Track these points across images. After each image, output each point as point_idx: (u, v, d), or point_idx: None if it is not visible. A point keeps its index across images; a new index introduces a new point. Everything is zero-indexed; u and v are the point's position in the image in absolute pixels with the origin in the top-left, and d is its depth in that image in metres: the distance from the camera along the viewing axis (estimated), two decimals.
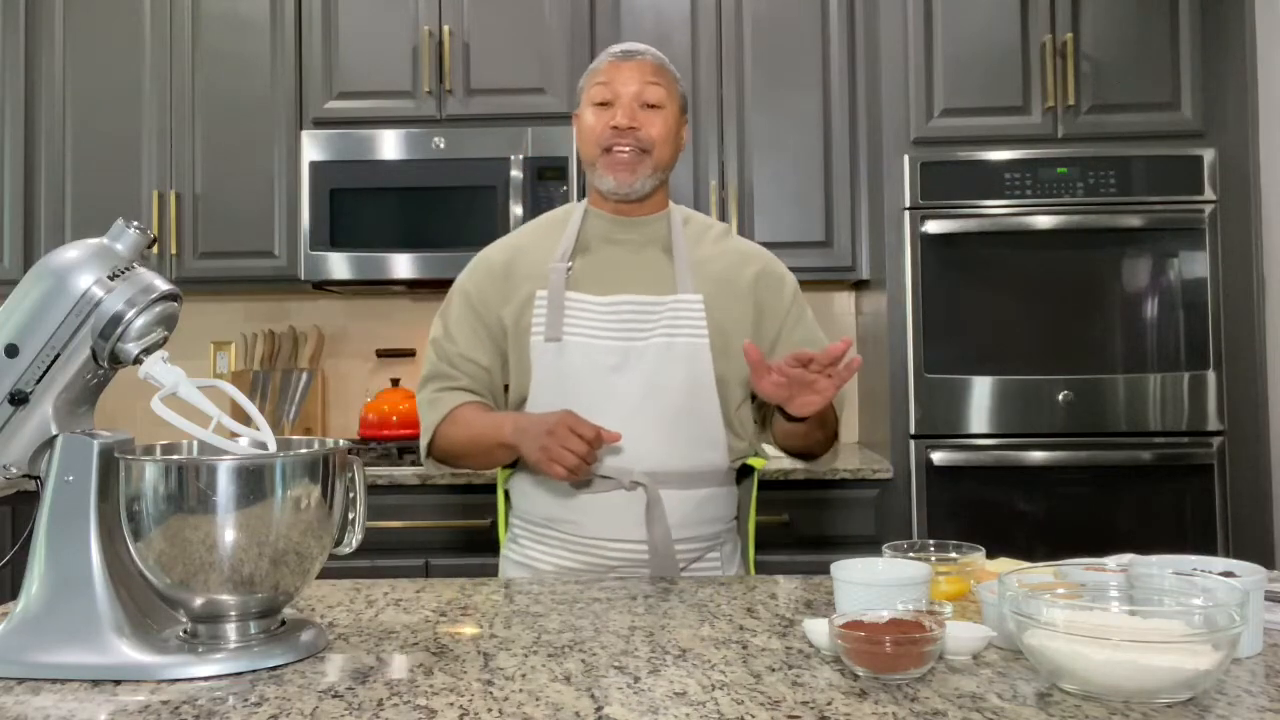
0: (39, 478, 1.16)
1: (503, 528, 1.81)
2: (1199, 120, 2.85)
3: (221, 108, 3.20)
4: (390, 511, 2.76)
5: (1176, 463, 2.77)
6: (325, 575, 1.38)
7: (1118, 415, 2.78)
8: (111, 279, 1.14)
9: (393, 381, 3.34)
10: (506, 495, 1.80)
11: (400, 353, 3.45)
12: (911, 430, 2.80)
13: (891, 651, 1.01)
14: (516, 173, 3.06)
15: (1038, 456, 2.78)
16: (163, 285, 1.17)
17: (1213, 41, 2.85)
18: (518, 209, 3.05)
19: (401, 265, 3.08)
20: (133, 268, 1.16)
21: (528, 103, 3.14)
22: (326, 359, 3.53)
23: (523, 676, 1.07)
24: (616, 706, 0.97)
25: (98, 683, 1.07)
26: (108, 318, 1.13)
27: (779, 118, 3.15)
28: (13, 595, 1.61)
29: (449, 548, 2.77)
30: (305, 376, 3.43)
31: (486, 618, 1.31)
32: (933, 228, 2.81)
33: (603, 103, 1.69)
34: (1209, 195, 2.79)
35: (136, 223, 1.18)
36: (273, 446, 1.18)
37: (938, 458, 2.79)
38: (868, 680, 1.03)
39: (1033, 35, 2.87)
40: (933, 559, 1.34)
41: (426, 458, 1.75)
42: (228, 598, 1.11)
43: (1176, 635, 0.94)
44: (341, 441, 1.21)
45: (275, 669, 1.10)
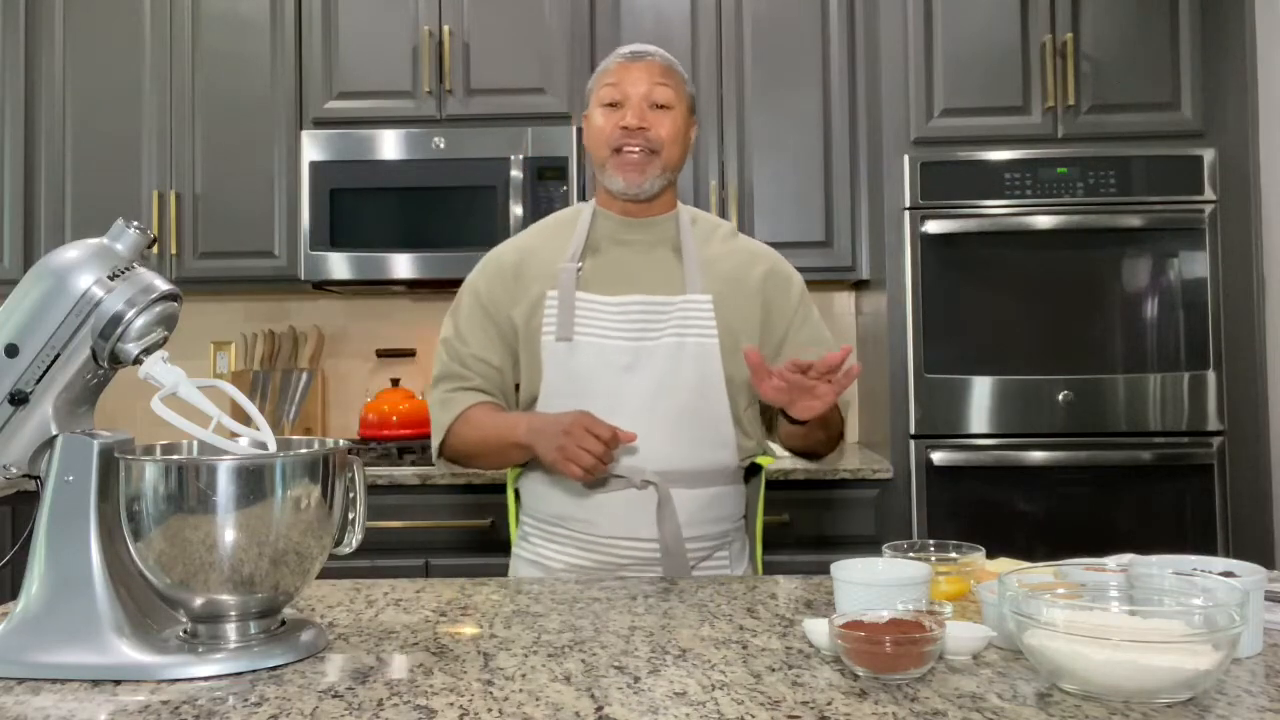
0: (39, 478, 1.16)
1: (513, 526, 1.81)
2: (1199, 120, 2.85)
3: (221, 108, 3.20)
4: (390, 511, 2.76)
5: (1176, 463, 2.77)
6: (325, 575, 1.38)
7: (1118, 415, 2.78)
8: (111, 279, 1.14)
9: (393, 381, 3.34)
10: (516, 494, 1.80)
11: (400, 353, 3.45)
12: (911, 430, 2.80)
13: (891, 651, 1.01)
14: (516, 173, 3.06)
15: (1038, 456, 2.78)
16: (163, 285, 1.17)
17: (1213, 41, 2.85)
18: (518, 209, 3.05)
19: (401, 265, 3.08)
20: (133, 268, 1.16)
21: (528, 103, 3.14)
22: (326, 359, 3.53)
23: (523, 676, 1.07)
24: (616, 706, 0.97)
25: (98, 683, 1.07)
26: (108, 318, 1.13)
27: (779, 118, 3.15)
28: (13, 595, 1.61)
29: (449, 548, 2.77)
30: (305, 376, 3.43)
31: (486, 618, 1.31)
32: (933, 228, 2.81)
33: (612, 103, 1.70)
34: (1209, 195, 2.79)
35: (136, 223, 1.17)
36: (273, 446, 1.18)
37: (938, 458, 2.79)
38: (868, 680, 1.03)
39: (1033, 35, 2.87)
40: (933, 559, 1.34)
41: (438, 458, 1.75)
42: (228, 598, 1.11)
43: (1176, 635, 0.94)
44: (341, 441, 1.21)
45: (275, 669, 1.10)
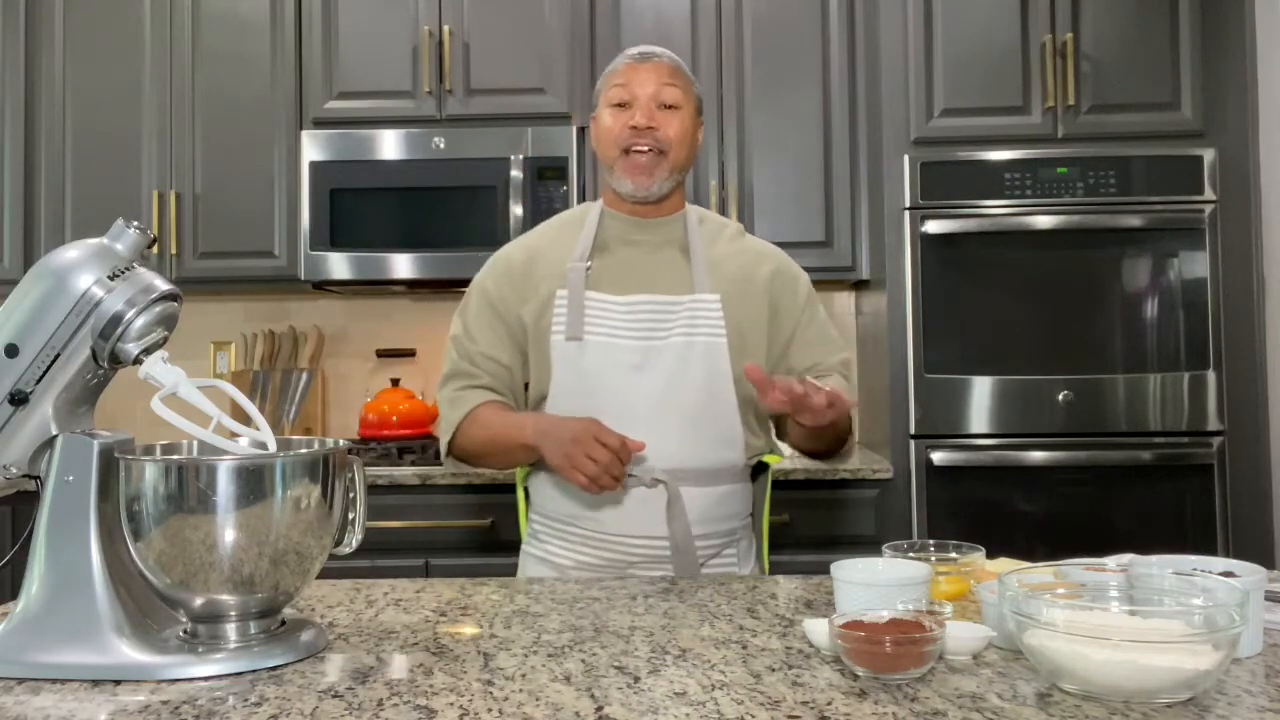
0: (39, 478, 1.16)
1: (522, 524, 1.81)
2: (1199, 120, 2.85)
3: (221, 108, 3.20)
4: (390, 511, 2.76)
5: (1176, 463, 2.77)
6: (325, 575, 1.37)
7: (1118, 415, 2.78)
8: (111, 279, 1.14)
9: (393, 381, 3.34)
10: (526, 492, 1.81)
11: (400, 353, 3.45)
12: (911, 430, 2.80)
13: (891, 651, 1.01)
14: (516, 173, 3.06)
15: (1038, 456, 2.78)
16: (163, 285, 1.17)
17: (1213, 41, 2.85)
18: (518, 209, 3.05)
19: (401, 265, 3.08)
20: (133, 268, 1.16)
21: (528, 103, 3.14)
22: (326, 359, 3.53)
23: (523, 676, 1.07)
24: (616, 706, 0.97)
25: (98, 683, 1.07)
26: (108, 318, 1.13)
27: (779, 118, 3.15)
28: (13, 595, 1.61)
29: (449, 548, 2.77)
30: (305, 376, 3.43)
31: (486, 618, 1.31)
32: (933, 228, 2.81)
33: (620, 104, 1.71)
34: (1209, 195, 2.79)
35: (136, 223, 1.17)
36: (273, 446, 1.17)
37: (938, 458, 2.78)
38: (868, 680, 1.03)
39: (1033, 35, 2.87)
40: (933, 559, 1.34)
41: (447, 456, 1.75)
42: (228, 598, 1.11)
43: (1176, 635, 0.94)
44: (341, 441, 1.21)
45: (275, 669, 1.10)
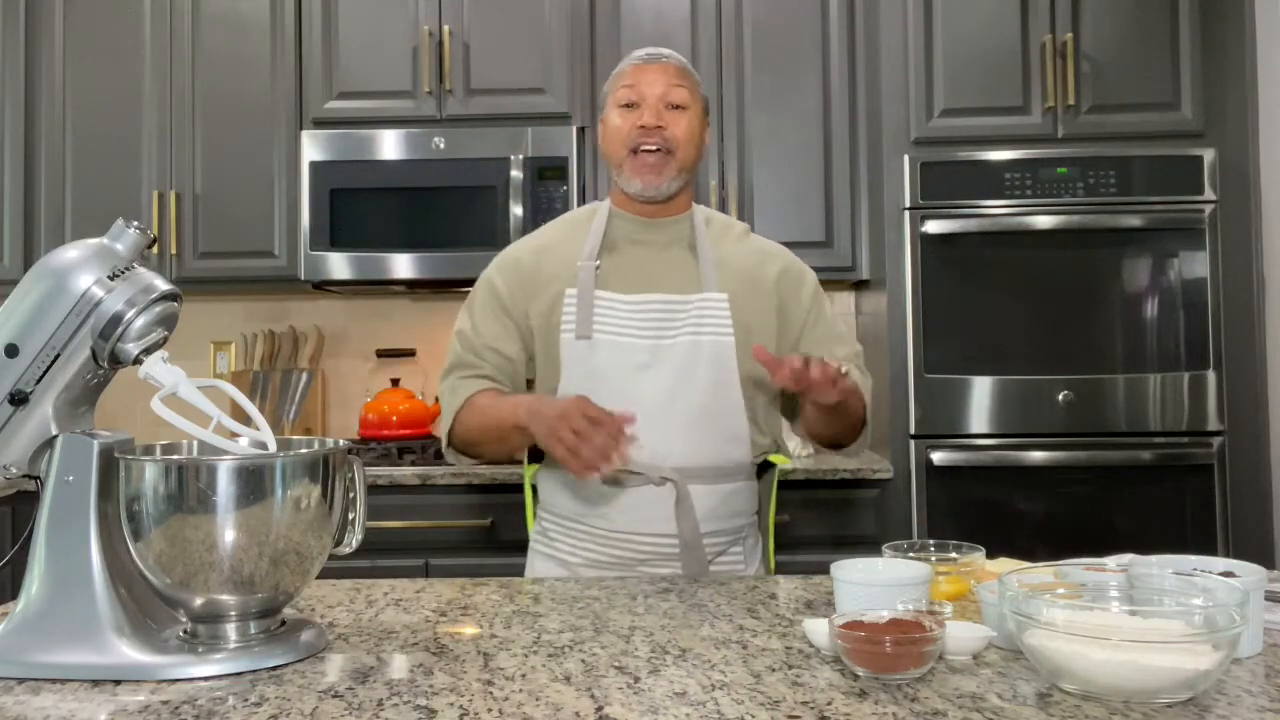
0: (39, 478, 1.16)
1: (530, 521, 1.82)
2: (1199, 120, 2.85)
3: (221, 108, 3.20)
4: (390, 511, 2.76)
5: (1176, 463, 2.77)
6: (325, 575, 1.38)
7: (1118, 415, 2.78)
8: (111, 279, 1.14)
9: (393, 381, 3.34)
10: (534, 490, 1.81)
11: (400, 353, 3.45)
12: (911, 430, 2.80)
13: (891, 651, 1.01)
14: (516, 173, 3.06)
15: (1038, 456, 2.78)
16: (163, 285, 1.17)
17: (1213, 41, 2.85)
18: (518, 209, 3.05)
19: (401, 265, 3.08)
20: (133, 268, 1.16)
21: (528, 103, 3.14)
22: (326, 359, 3.53)
23: (523, 676, 1.07)
24: (616, 706, 0.97)
25: (98, 683, 1.07)
26: (108, 318, 1.13)
27: (779, 117, 3.15)
28: (13, 595, 1.61)
29: (449, 548, 2.77)
30: (305, 376, 3.43)
31: (486, 618, 1.31)
32: (933, 228, 2.81)
33: (628, 104, 1.72)
34: (1209, 195, 2.79)
35: (136, 223, 1.17)
36: (273, 446, 1.17)
37: (938, 458, 2.78)
38: (868, 680, 1.03)
39: (1033, 35, 2.87)
40: (933, 559, 1.34)
41: (447, 447, 1.74)
42: (228, 598, 1.11)
43: (1176, 635, 0.94)
44: (341, 441, 1.21)
45: (275, 669, 1.10)
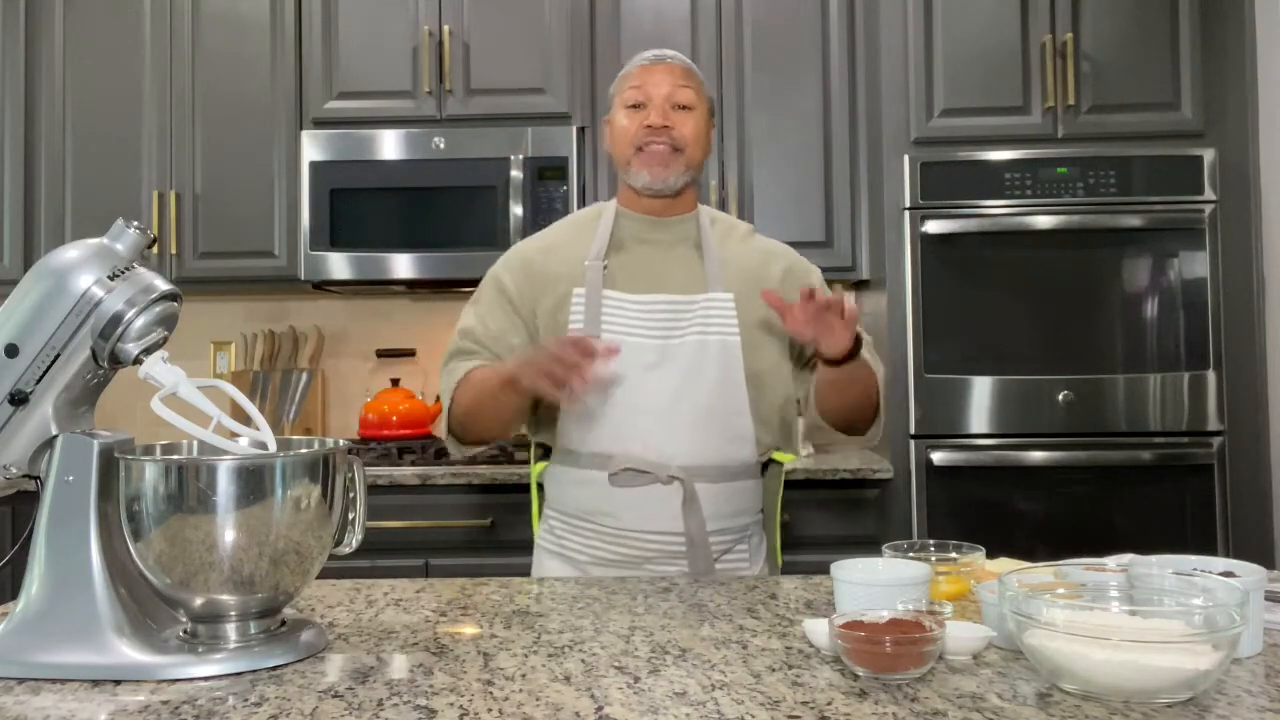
0: (39, 478, 1.16)
1: (535, 520, 1.82)
2: (1199, 120, 2.85)
3: (221, 108, 3.20)
4: (390, 511, 2.76)
5: (1176, 463, 2.77)
6: (325, 575, 1.38)
7: (1118, 415, 2.78)
8: (111, 279, 1.14)
9: (393, 381, 3.34)
10: (540, 488, 1.81)
11: (400, 353, 3.45)
12: (911, 430, 2.80)
13: (891, 651, 1.01)
14: (516, 173, 3.06)
15: (1038, 456, 2.78)
16: (163, 285, 1.17)
17: (1213, 41, 2.85)
18: (518, 209, 3.05)
19: (401, 265, 3.08)
20: (133, 268, 1.16)
21: (528, 103, 3.14)
22: (326, 359, 3.53)
23: (523, 676, 1.07)
24: (616, 706, 0.97)
25: (98, 683, 1.07)
26: (108, 318, 1.13)
27: (779, 117, 3.15)
28: (13, 595, 1.61)
29: (449, 548, 2.77)
30: (305, 376, 3.43)
31: (486, 618, 1.31)
32: (933, 228, 2.81)
33: (635, 105, 1.73)
34: (1209, 195, 2.79)
35: (136, 223, 1.17)
36: (273, 446, 1.17)
37: (938, 458, 2.78)
38: (868, 680, 1.03)
39: (1033, 35, 2.87)
40: (933, 559, 1.34)
41: (448, 435, 1.73)
42: (228, 598, 1.11)
43: (1176, 635, 0.94)
44: (341, 441, 1.21)
45: (275, 669, 1.10)
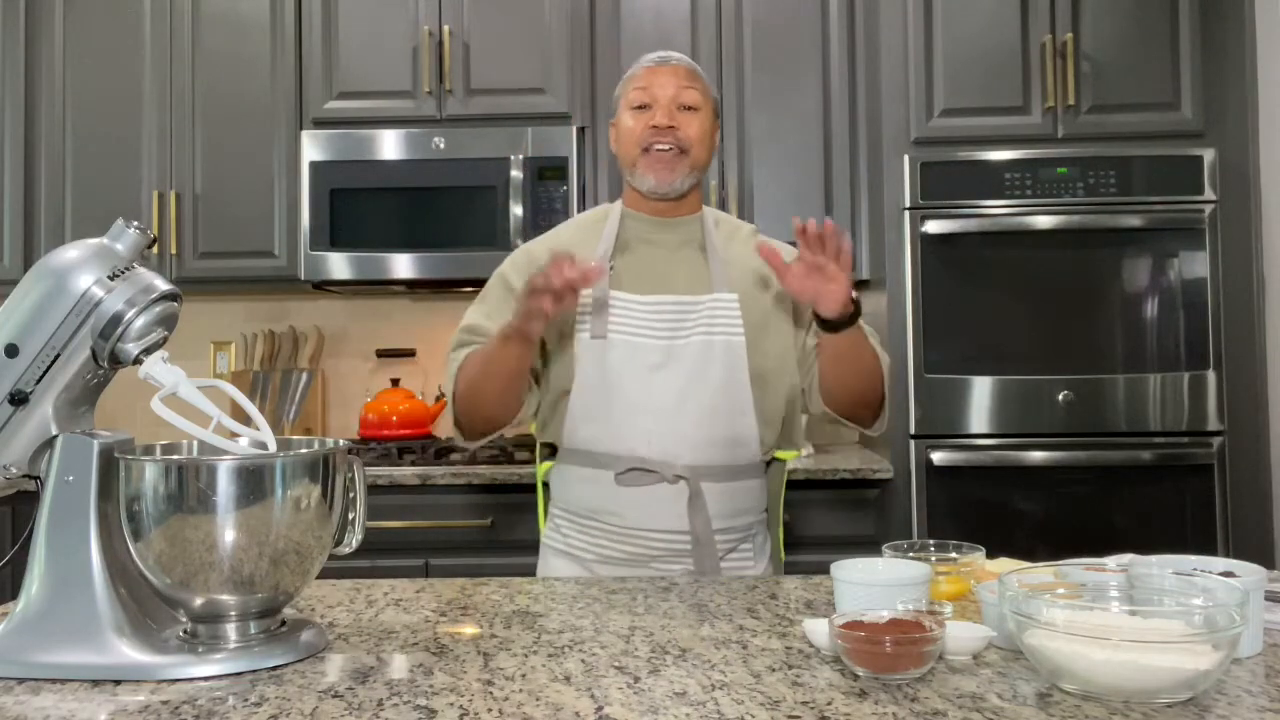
0: (39, 478, 1.16)
1: (541, 518, 1.83)
2: (1199, 120, 2.85)
3: (221, 108, 3.20)
4: (390, 511, 2.76)
5: (1176, 463, 2.77)
6: (325, 575, 1.38)
7: (1118, 415, 2.78)
8: (111, 279, 1.14)
9: (393, 381, 3.34)
10: (546, 487, 1.82)
11: (400, 353, 3.45)
12: (911, 430, 2.80)
13: (891, 651, 1.01)
14: (516, 173, 3.06)
15: (1038, 456, 2.78)
16: (163, 285, 1.17)
17: (1213, 41, 2.85)
18: (518, 209, 3.05)
19: (401, 265, 3.08)
20: (133, 268, 1.16)
21: (528, 103, 3.14)
22: (326, 359, 3.53)
23: (523, 676, 1.07)
24: (616, 706, 0.97)
25: (98, 683, 1.07)
26: (108, 318, 1.13)
27: (779, 117, 3.15)
28: (13, 595, 1.61)
29: (449, 548, 2.77)
30: (305, 376, 3.43)
31: (486, 618, 1.31)
32: (933, 228, 2.81)
33: (641, 106, 1.74)
34: (1209, 195, 2.79)
35: (136, 223, 1.17)
36: (273, 446, 1.17)
37: (938, 458, 2.78)
38: (868, 680, 1.03)
39: (1033, 35, 2.87)
40: (933, 559, 1.34)
41: (455, 424, 1.73)
42: (228, 598, 1.11)
43: (1176, 635, 0.94)
44: (341, 441, 1.21)
45: (275, 669, 1.10)
